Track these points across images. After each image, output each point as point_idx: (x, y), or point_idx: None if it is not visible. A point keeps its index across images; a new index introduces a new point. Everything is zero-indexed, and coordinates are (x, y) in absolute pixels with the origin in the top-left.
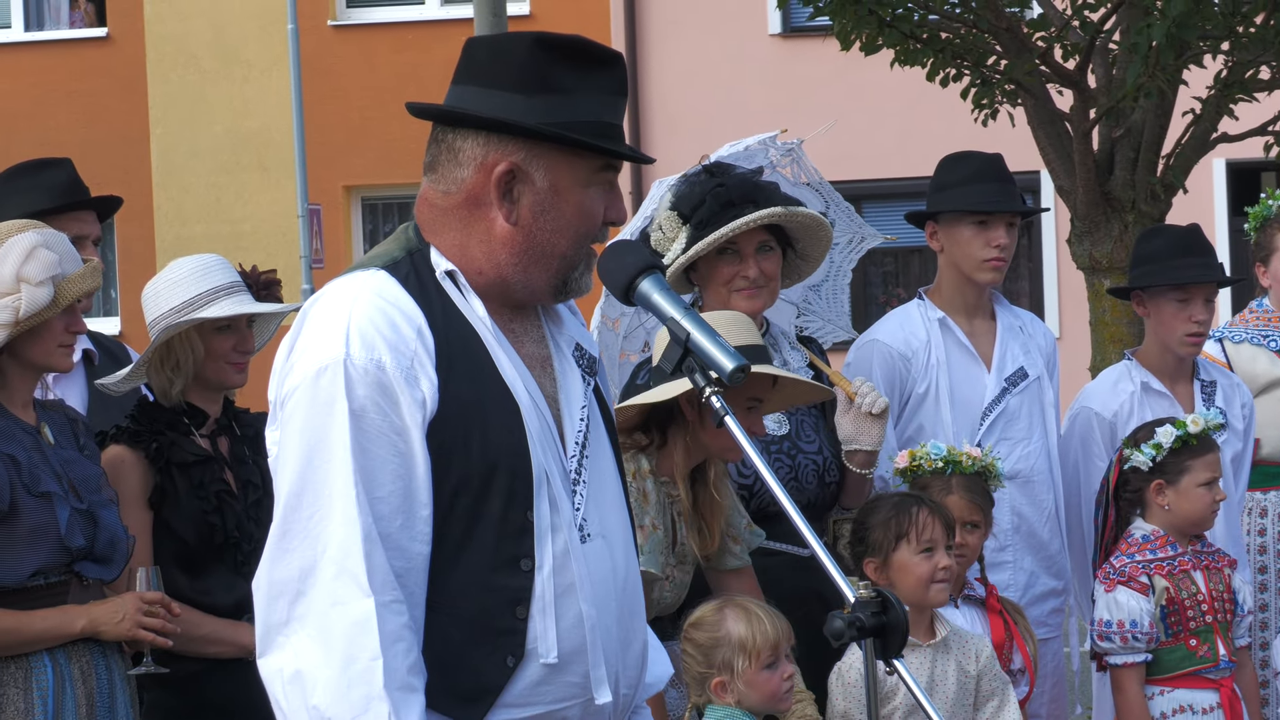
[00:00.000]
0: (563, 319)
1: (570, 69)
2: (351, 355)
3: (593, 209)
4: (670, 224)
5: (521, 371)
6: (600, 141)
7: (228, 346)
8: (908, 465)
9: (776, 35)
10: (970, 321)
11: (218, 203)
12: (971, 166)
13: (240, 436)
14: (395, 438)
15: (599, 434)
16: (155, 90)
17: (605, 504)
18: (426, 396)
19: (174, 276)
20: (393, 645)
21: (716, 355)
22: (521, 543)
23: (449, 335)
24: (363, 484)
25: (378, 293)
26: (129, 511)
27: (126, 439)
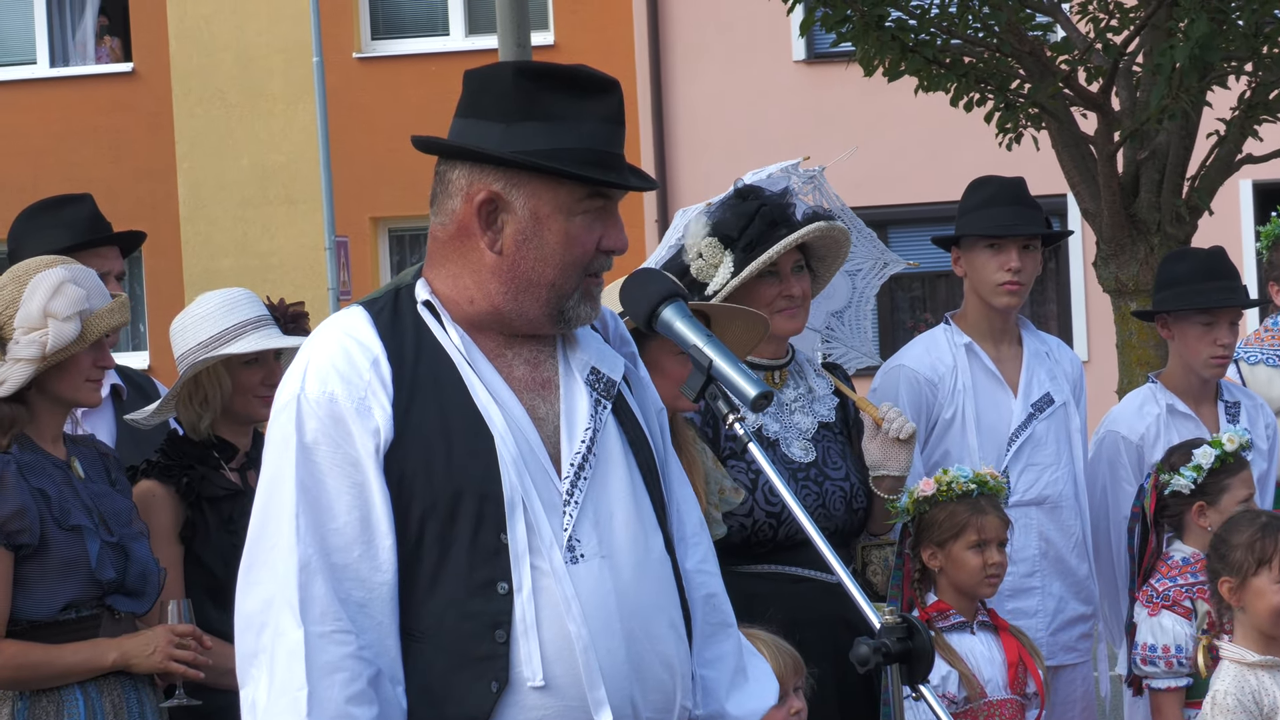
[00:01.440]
0: (579, 344)
1: (558, 97)
2: (305, 390)
3: (579, 237)
4: (712, 250)
5: (503, 397)
6: (582, 169)
7: (255, 380)
8: (935, 492)
9: (800, 62)
10: (996, 347)
11: (245, 236)
12: (988, 191)
13: None
14: (350, 468)
15: (611, 455)
16: (182, 125)
17: (613, 524)
18: (380, 425)
19: (201, 311)
20: (327, 676)
21: (739, 382)
22: (496, 565)
23: (417, 365)
24: (306, 516)
25: (343, 329)
26: (160, 546)
27: (157, 474)
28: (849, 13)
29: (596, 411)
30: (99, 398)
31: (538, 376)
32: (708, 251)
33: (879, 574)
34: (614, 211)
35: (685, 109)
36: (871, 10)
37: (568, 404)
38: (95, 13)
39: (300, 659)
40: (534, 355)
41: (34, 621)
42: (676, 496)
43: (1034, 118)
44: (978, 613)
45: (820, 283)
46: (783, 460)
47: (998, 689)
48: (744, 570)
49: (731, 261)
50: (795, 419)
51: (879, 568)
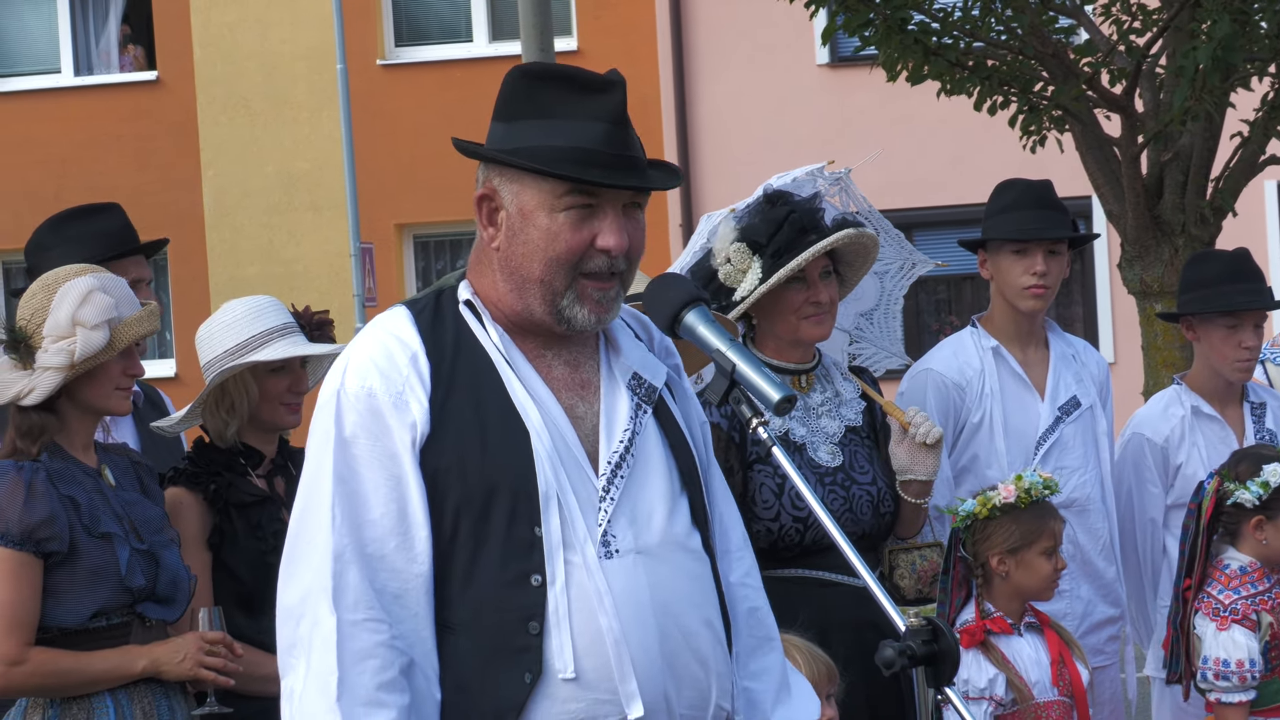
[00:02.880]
0: (622, 350)
1: (556, 96)
2: (345, 386)
3: (560, 233)
4: (740, 256)
5: (540, 394)
6: (555, 166)
7: (282, 388)
8: (1016, 499)
9: (824, 65)
10: (1024, 350)
11: (270, 243)
12: (1014, 194)
13: (296, 476)
14: (387, 461)
15: (650, 457)
16: (206, 133)
17: (650, 523)
18: (417, 419)
19: (227, 319)
20: (359, 662)
21: (762, 386)
22: (530, 558)
23: (456, 362)
24: (342, 507)
25: (384, 328)
26: (188, 552)
27: (185, 480)
28: (871, 17)
29: (637, 414)
30: (129, 406)
31: (577, 377)
32: (736, 257)
33: (906, 578)
34: (610, 211)
35: (708, 113)
36: (894, 14)
37: (608, 405)
38: (118, 21)
39: (332, 646)
40: (574, 357)
41: (64, 629)
42: (720, 509)
43: (1057, 120)
44: (1024, 614)
45: (847, 287)
46: (809, 465)
47: (1044, 690)
48: (771, 575)
49: (760, 267)
50: (822, 423)
51: (906, 572)
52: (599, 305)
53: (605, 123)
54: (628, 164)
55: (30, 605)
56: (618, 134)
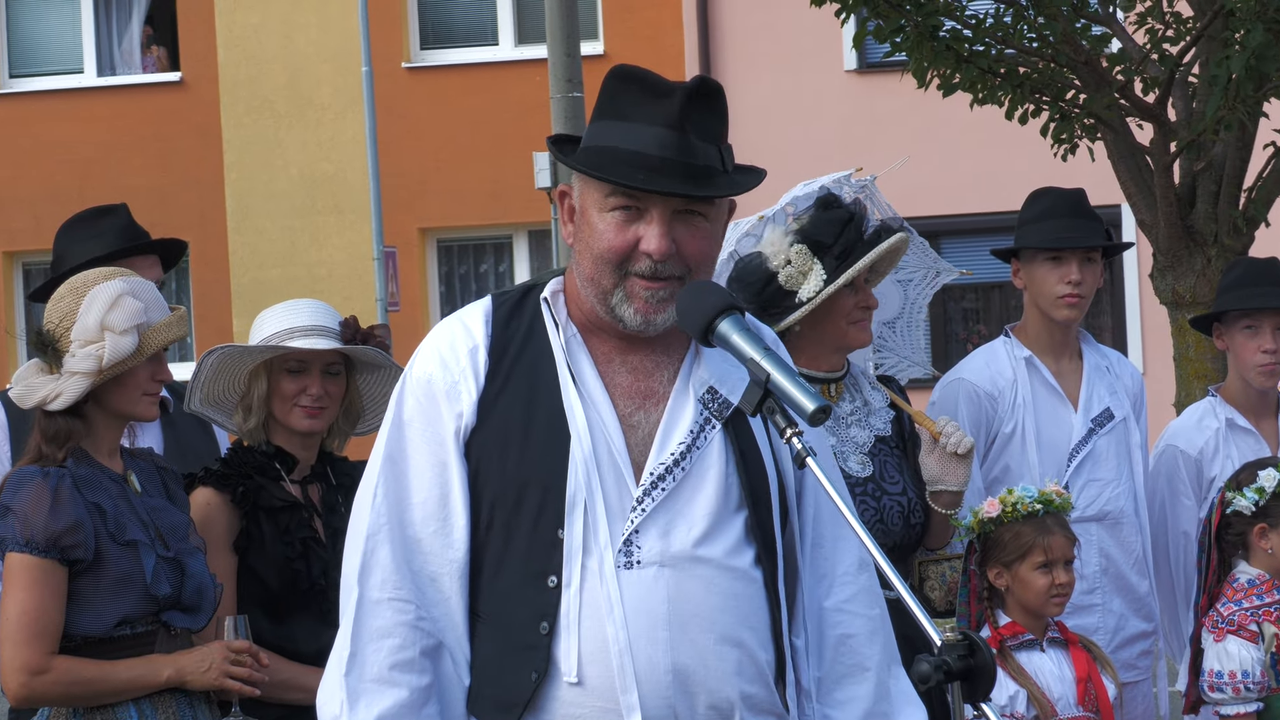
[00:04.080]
0: (705, 362)
1: (630, 99)
2: (413, 371)
3: (605, 233)
4: (802, 258)
5: (595, 398)
6: (598, 168)
7: (294, 388)
8: (1000, 513)
9: (852, 71)
10: (1057, 360)
11: (293, 246)
12: (1048, 202)
13: (335, 485)
14: (436, 447)
15: (707, 471)
16: (229, 134)
17: (687, 536)
18: (464, 410)
19: (271, 312)
20: (376, 640)
21: (796, 396)
22: (550, 559)
23: (519, 358)
24: (386, 486)
25: (459, 317)
26: (213, 555)
27: (214, 481)
28: (902, 23)
29: (703, 428)
30: (156, 412)
31: (643, 385)
32: (798, 259)
33: (937, 590)
34: (656, 215)
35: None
36: (925, 21)
37: (670, 416)
38: (141, 21)
39: (349, 621)
40: (647, 364)
41: (88, 637)
42: (824, 531)
43: (1089, 129)
44: (1047, 629)
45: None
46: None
47: (1068, 707)
48: None
49: (822, 269)
50: (851, 433)
51: (936, 584)
52: (647, 304)
53: (661, 127)
54: (680, 170)
55: (54, 613)
56: (674, 139)
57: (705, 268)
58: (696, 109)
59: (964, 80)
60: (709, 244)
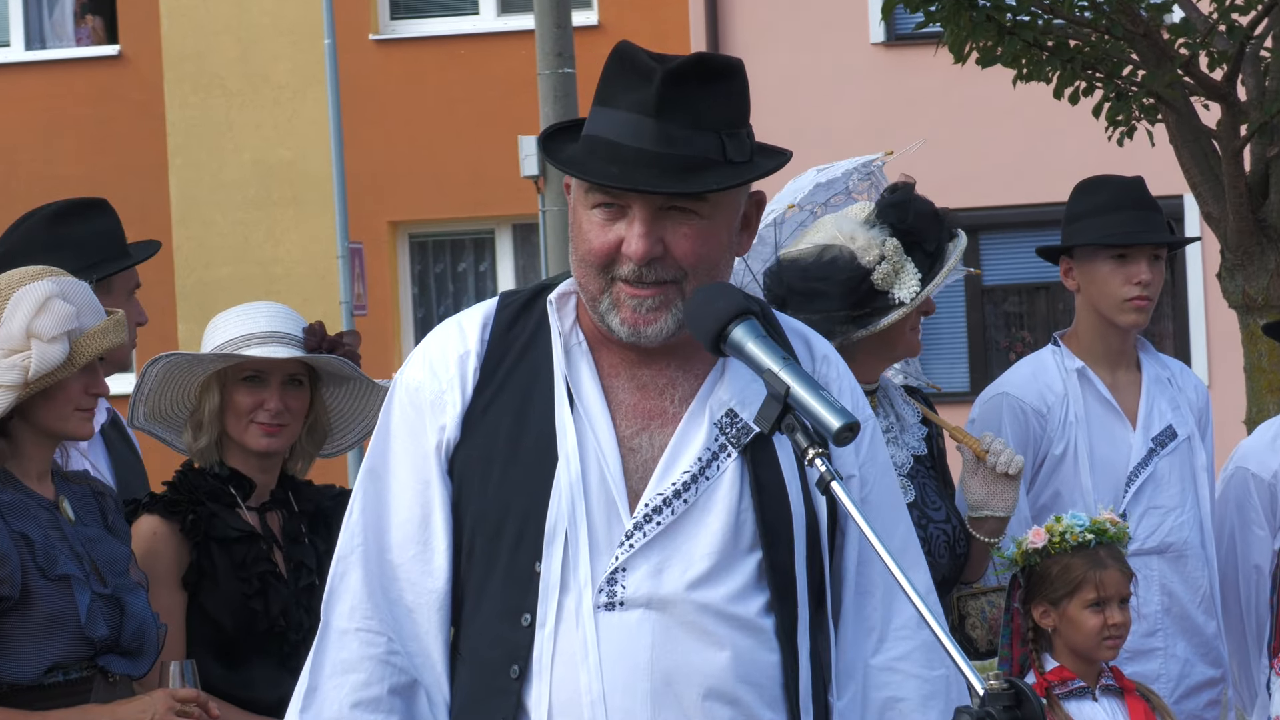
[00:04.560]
0: (728, 380)
1: (616, 80)
2: (405, 375)
3: (589, 233)
4: (897, 255)
5: (592, 416)
6: (573, 165)
7: (249, 402)
8: (1046, 543)
9: (879, 44)
10: (1113, 372)
11: (245, 242)
12: (1108, 193)
13: (297, 512)
14: (421, 461)
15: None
16: (174, 115)
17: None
18: (447, 423)
19: (225, 317)
20: (339, 674)
21: (820, 412)
22: (526, 595)
23: (516, 367)
24: (364, 502)
25: (458, 318)
26: (160, 592)
27: (160, 509)
28: None
29: (715, 456)
30: (91, 429)
31: (651, 404)
32: (893, 256)
33: (978, 628)
34: (638, 214)
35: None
36: None
37: (679, 440)
38: None
39: (313, 652)
40: (659, 380)
41: (15, 685)
42: (870, 580)
43: (1148, 109)
44: (1100, 675)
45: None
46: None
47: None
48: None
49: (914, 268)
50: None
51: (977, 621)
52: (634, 313)
53: (638, 114)
54: (660, 161)
55: None
56: (651, 127)
57: (706, 270)
58: (684, 91)
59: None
60: (706, 243)
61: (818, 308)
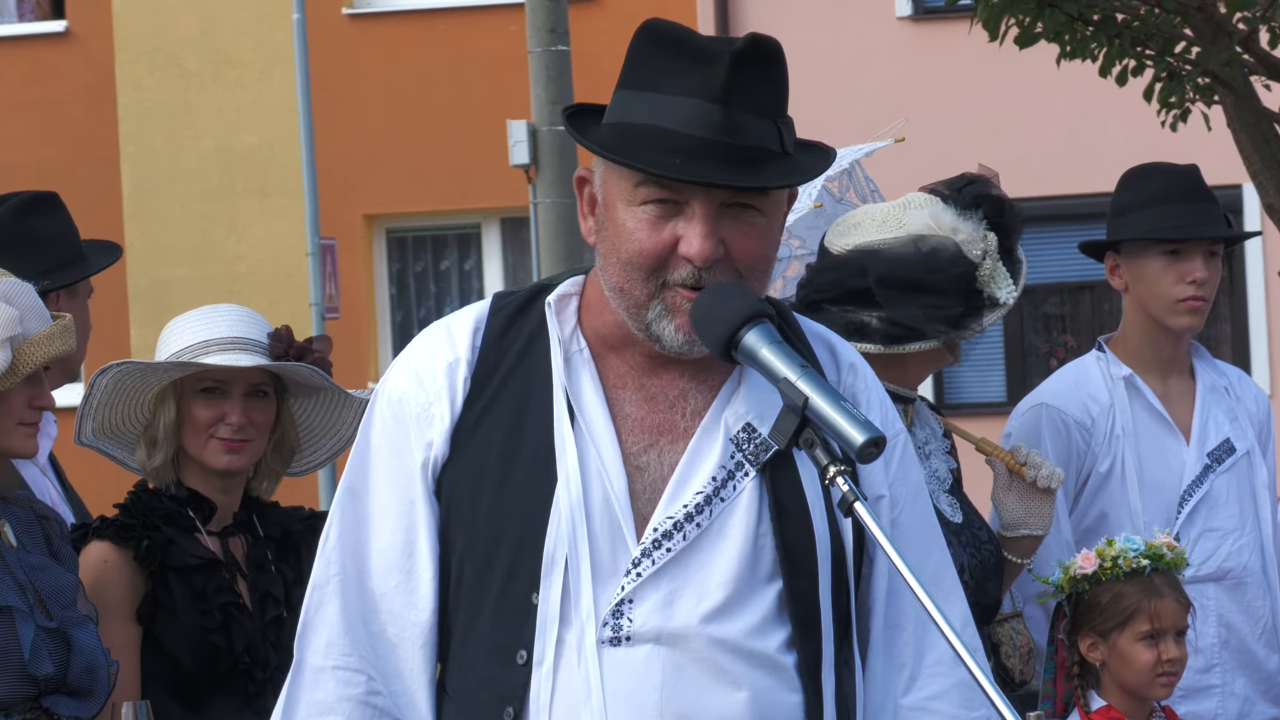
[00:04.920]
0: (747, 392)
1: (660, 63)
2: (387, 386)
3: (635, 232)
4: (996, 253)
5: (595, 432)
6: (627, 154)
7: (210, 416)
8: (1097, 569)
9: (906, 19)
10: (1164, 380)
11: (205, 238)
12: (1159, 183)
13: (263, 537)
14: (405, 482)
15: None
16: (126, 98)
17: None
18: (434, 438)
19: (182, 322)
20: (316, 717)
21: (843, 425)
22: (521, 630)
23: (511, 377)
24: (342, 526)
25: (446, 324)
26: (112, 626)
27: (111, 534)
28: None
29: (732, 475)
30: (35, 446)
31: (660, 418)
32: (994, 251)
33: (1011, 656)
34: (699, 210)
35: None
36: None
37: (691, 459)
38: None
39: (285, 692)
40: (670, 392)
41: None
42: (909, 612)
43: (1204, 90)
44: (1152, 714)
45: None
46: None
47: None
48: None
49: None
50: (933, 465)
51: (1010, 649)
52: (688, 320)
53: (702, 100)
54: (725, 154)
55: None
56: (718, 115)
57: (760, 273)
58: (748, 76)
59: (1047, 30)
60: (765, 244)
61: (920, 304)
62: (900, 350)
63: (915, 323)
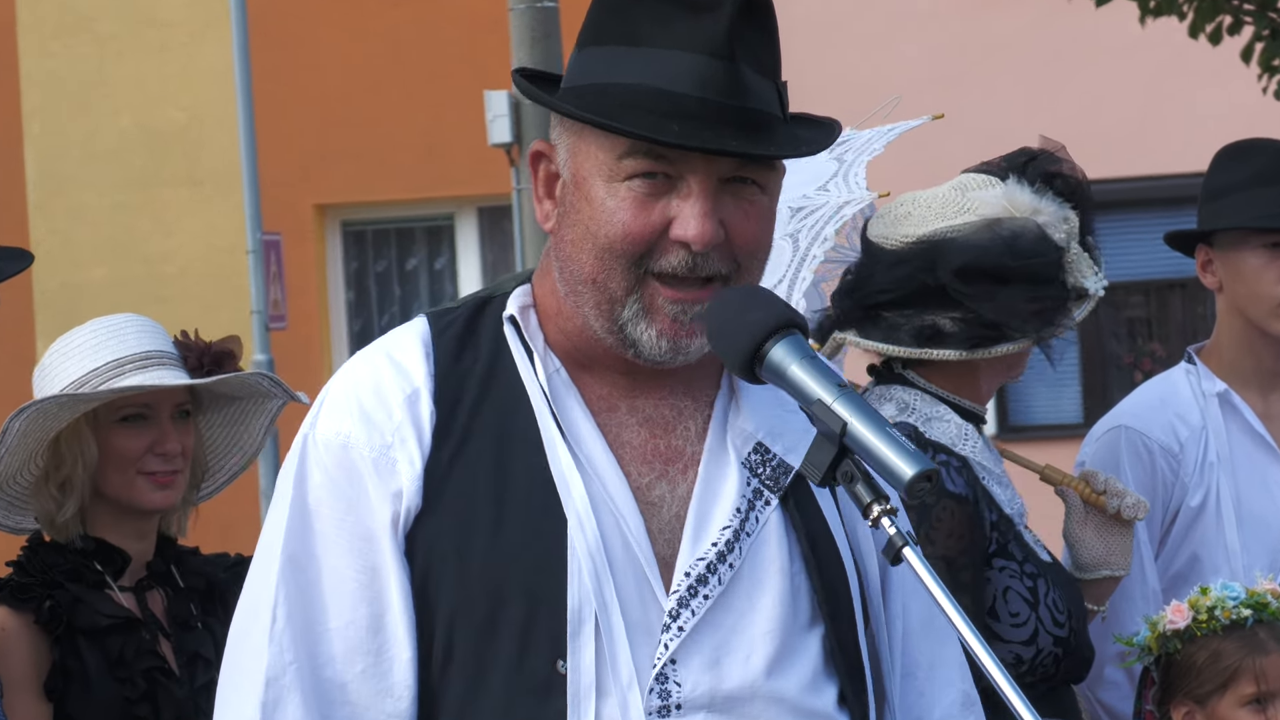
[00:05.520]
0: (747, 405)
1: (644, 12)
2: (316, 429)
3: (619, 212)
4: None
5: (598, 466)
6: (617, 116)
7: (138, 447)
8: (1190, 623)
9: None
10: (1265, 398)
11: (127, 233)
12: (1260, 162)
13: (185, 589)
14: (361, 544)
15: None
16: (29, 66)
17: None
18: (404, 486)
19: (70, 345)
20: None
21: (888, 456)
22: (547, 705)
23: (479, 407)
24: (289, 605)
25: (386, 348)
26: (15, 701)
27: (7, 597)
28: None
29: (753, 505)
30: None
31: (663, 444)
32: (1077, 234)
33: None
34: (696, 185)
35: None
36: None
37: (705, 487)
38: None
39: None
40: (665, 412)
41: None
42: (922, 660)
43: None
44: None
45: None
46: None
47: None
48: None
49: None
50: (1010, 493)
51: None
52: (675, 323)
53: (702, 54)
54: (730, 117)
55: None
56: (720, 72)
57: (758, 264)
58: (750, 27)
59: None
60: (767, 227)
61: (1007, 297)
62: (985, 354)
63: (1002, 319)
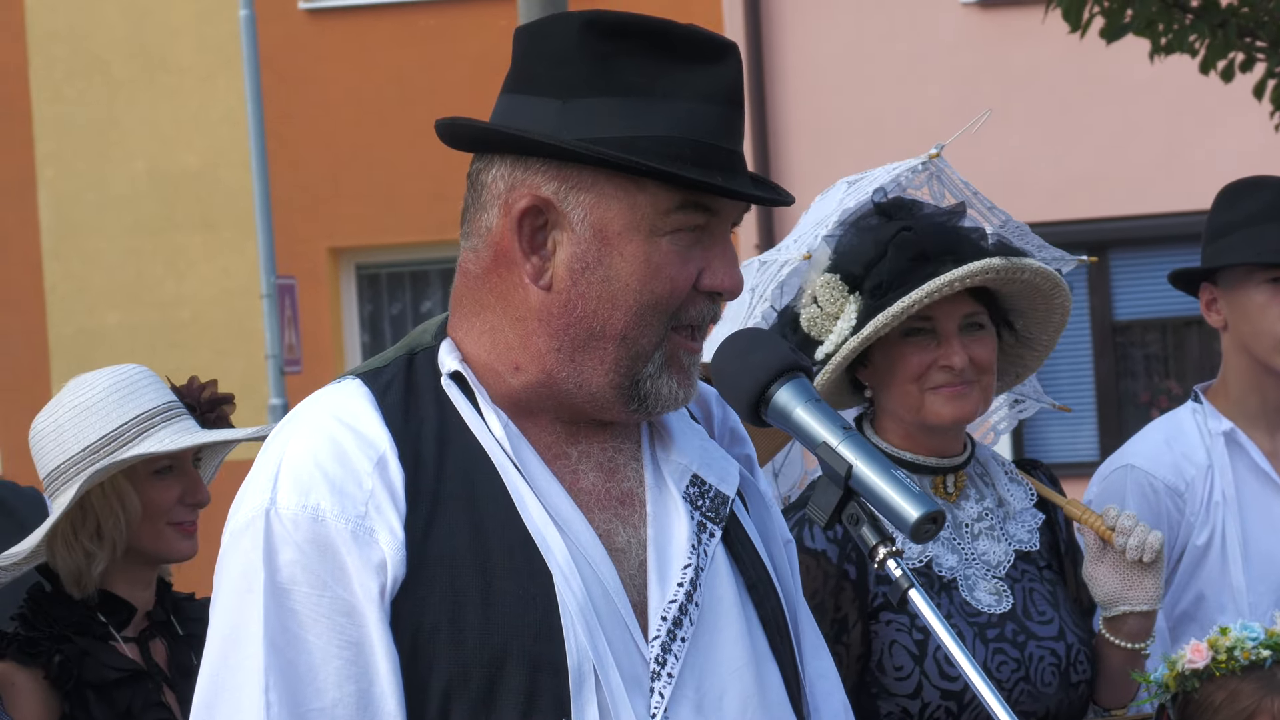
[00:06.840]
0: (674, 440)
1: (643, 63)
2: (278, 504)
3: (664, 267)
4: (831, 294)
5: (566, 517)
6: (673, 165)
7: (172, 498)
8: (1209, 662)
9: (971, 5)
10: (1272, 436)
11: (139, 278)
12: (1265, 198)
13: (184, 636)
14: (343, 620)
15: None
16: (43, 111)
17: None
18: (387, 556)
19: (82, 400)
20: None
21: (894, 499)
22: None
23: (442, 469)
24: (279, 690)
25: (334, 413)
26: None
27: (15, 652)
28: None
29: (701, 542)
30: None
31: (615, 488)
32: (825, 295)
33: None
34: (722, 236)
35: (797, 75)
36: None
37: (658, 530)
38: None
39: None
40: (609, 456)
41: None
42: (812, 670)
43: None
44: None
45: (1035, 352)
46: (962, 611)
47: None
48: None
49: (854, 312)
50: (980, 547)
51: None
52: (687, 375)
53: (719, 104)
54: (739, 163)
55: None
56: (732, 121)
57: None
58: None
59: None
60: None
61: None
62: None
63: None
